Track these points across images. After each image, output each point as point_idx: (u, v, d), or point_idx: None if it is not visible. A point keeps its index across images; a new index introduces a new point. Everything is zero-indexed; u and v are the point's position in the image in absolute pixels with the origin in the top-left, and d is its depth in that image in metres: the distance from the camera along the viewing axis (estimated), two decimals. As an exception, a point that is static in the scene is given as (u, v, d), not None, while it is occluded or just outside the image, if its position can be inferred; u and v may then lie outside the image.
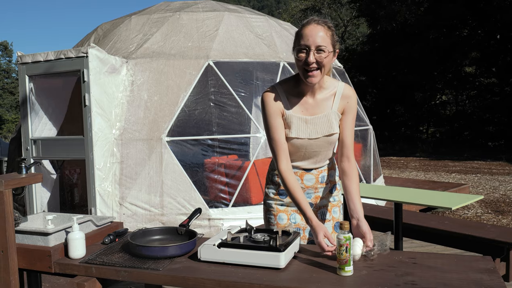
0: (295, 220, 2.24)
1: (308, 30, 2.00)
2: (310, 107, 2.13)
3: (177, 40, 6.30)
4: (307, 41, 1.99)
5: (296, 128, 2.12)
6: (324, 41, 1.99)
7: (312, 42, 1.98)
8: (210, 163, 5.76)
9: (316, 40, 1.98)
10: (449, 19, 18.98)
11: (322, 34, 1.99)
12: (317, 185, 2.23)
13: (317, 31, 1.99)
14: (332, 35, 2.04)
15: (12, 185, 2.09)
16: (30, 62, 5.60)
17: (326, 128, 2.13)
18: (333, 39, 2.04)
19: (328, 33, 2.01)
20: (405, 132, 23.37)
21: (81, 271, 2.00)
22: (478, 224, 4.11)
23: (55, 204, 6.19)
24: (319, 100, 2.14)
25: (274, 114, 2.13)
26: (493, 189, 8.92)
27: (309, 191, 2.23)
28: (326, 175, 2.25)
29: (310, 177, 2.22)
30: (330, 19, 10.06)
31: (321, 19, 2.04)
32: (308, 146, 2.15)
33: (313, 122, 2.13)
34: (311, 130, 2.13)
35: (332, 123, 2.13)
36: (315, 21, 2.02)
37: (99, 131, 5.33)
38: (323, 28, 2.00)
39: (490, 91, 20.24)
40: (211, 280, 1.76)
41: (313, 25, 2.00)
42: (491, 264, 1.82)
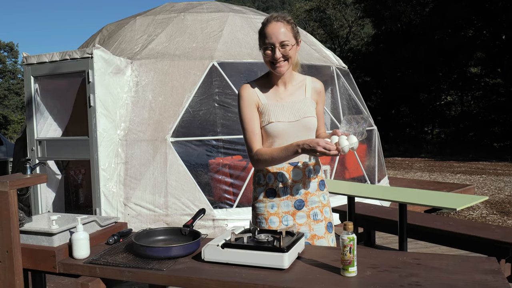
0: (287, 222, 2.21)
1: (270, 28, 2.12)
2: (284, 96, 2.25)
3: (182, 41, 6.31)
4: (271, 39, 2.12)
5: (275, 114, 2.19)
6: (286, 35, 2.12)
7: (275, 40, 2.11)
8: (215, 164, 5.76)
9: (279, 37, 2.11)
10: (454, 20, 18.92)
11: (284, 30, 2.12)
12: (305, 180, 2.22)
13: (279, 28, 2.11)
14: (292, 28, 2.16)
15: (17, 186, 2.10)
16: (36, 63, 5.62)
17: (303, 111, 2.21)
18: (293, 31, 2.16)
19: (288, 27, 2.14)
20: (410, 133, 23.31)
21: (85, 272, 2.00)
22: (483, 225, 4.09)
23: (60, 204, 6.21)
24: (291, 90, 2.27)
25: (249, 106, 2.22)
26: (498, 190, 8.88)
27: (298, 186, 2.21)
28: (313, 170, 2.25)
29: (297, 172, 2.21)
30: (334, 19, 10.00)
31: (280, 14, 2.17)
32: (290, 131, 2.18)
33: (290, 106, 2.22)
34: (289, 113, 2.20)
35: (309, 107, 2.23)
36: (274, 18, 2.13)
37: (103, 131, 5.34)
38: (283, 24, 2.13)
39: (495, 91, 20.15)
40: (215, 280, 1.76)
41: (273, 23, 2.12)
42: (496, 265, 1.81)
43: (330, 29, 31.00)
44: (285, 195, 2.21)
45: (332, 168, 6.57)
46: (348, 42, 30.48)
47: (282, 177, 2.21)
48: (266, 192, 2.24)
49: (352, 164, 7.01)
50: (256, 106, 2.22)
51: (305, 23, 30.93)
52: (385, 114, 22.73)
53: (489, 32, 19.48)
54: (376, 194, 4.04)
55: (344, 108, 7.28)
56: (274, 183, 2.22)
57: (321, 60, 7.31)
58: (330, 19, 30.62)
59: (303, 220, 2.22)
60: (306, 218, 2.22)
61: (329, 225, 2.28)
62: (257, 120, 2.21)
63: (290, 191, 2.21)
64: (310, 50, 7.39)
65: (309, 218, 2.22)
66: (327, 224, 2.27)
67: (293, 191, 2.21)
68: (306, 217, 2.22)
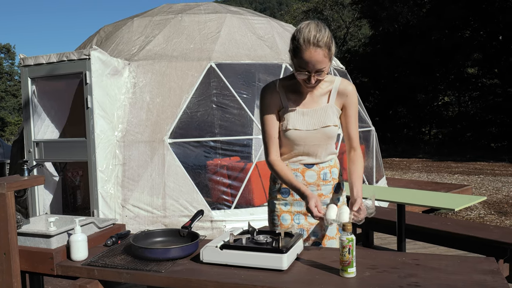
0: (299, 221, 2.22)
1: (308, 55, 1.98)
2: (307, 102, 2.18)
3: (179, 42, 6.31)
4: (307, 66, 2.01)
5: (293, 121, 2.16)
6: (323, 63, 2.00)
7: (312, 68, 2.01)
8: (213, 165, 5.75)
9: (316, 66, 2.00)
10: (451, 20, 18.97)
11: (321, 58, 1.99)
12: (319, 182, 2.21)
13: (317, 57, 1.98)
14: (331, 51, 2.02)
15: (14, 187, 2.09)
16: (33, 65, 5.61)
17: (323, 119, 2.16)
18: (331, 53, 2.03)
19: (326, 52, 1.99)
20: (408, 134, 23.36)
21: (83, 273, 2.00)
22: (481, 225, 4.10)
23: (58, 206, 6.19)
24: (315, 96, 2.19)
25: (270, 108, 2.19)
26: (496, 190, 8.90)
27: (311, 188, 2.21)
28: (329, 173, 2.23)
29: (311, 174, 2.21)
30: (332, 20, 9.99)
31: (318, 36, 1.97)
32: (307, 139, 2.16)
33: (310, 114, 2.17)
34: (308, 122, 2.16)
35: (329, 116, 2.16)
36: (313, 45, 1.96)
37: (101, 133, 5.33)
38: (321, 50, 1.98)
39: (492, 92, 20.20)
40: (214, 282, 1.75)
41: (312, 50, 1.96)
42: (495, 266, 1.81)
43: (327, 30, 31.00)
44: (298, 195, 2.20)
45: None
46: (345, 43, 30.52)
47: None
48: (280, 190, 2.26)
49: (350, 165, 7.00)
50: (277, 109, 2.20)
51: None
52: (382, 114, 22.76)
53: (486, 32, 19.54)
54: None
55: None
56: None
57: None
58: (328, 20, 30.65)
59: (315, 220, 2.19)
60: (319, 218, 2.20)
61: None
62: (276, 124, 2.20)
63: None
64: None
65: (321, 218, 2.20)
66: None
67: None
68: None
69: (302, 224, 2.22)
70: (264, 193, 5.94)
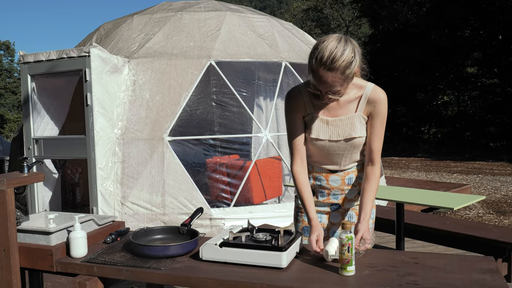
0: (321, 219, 2.19)
1: (318, 77, 1.88)
2: (332, 109, 2.07)
3: (179, 39, 6.30)
4: (319, 85, 1.92)
5: (317, 129, 2.07)
6: (336, 85, 1.89)
7: (324, 88, 1.92)
8: (212, 163, 5.76)
9: (327, 88, 1.91)
10: (451, 20, 18.95)
11: (333, 82, 1.88)
12: (343, 187, 2.16)
13: (327, 79, 1.87)
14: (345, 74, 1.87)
15: (14, 184, 2.09)
16: (32, 62, 5.60)
17: (348, 131, 2.05)
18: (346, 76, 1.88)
19: (340, 76, 1.86)
20: (407, 133, 23.34)
21: (82, 270, 2.00)
22: (480, 225, 4.10)
23: (57, 203, 6.19)
24: (342, 102, 2.06)
25: (294, 115, 2.11)
26: (495, 189, 8.90)
27: (336, 192, 2.17)
28: (355, 177, 2.16)
29: (335, 178, 2.15)
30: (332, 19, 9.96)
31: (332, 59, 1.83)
32: (330, 148, 2.09)
33: (335, 124, 2.06)
34: (332, 131, 2.07)
35: (355, 127, 2.05)
36: (325, 68, 1.85)
37: (101, 130, 5.33)
38: (334, 74, 1.85)
39: (492, 91, 20.19)
40: (213, 279, 1.76)
41: (323, 72, 1.85)
42: (493, 265, 1.81)
43: (327, 29, 31.02)
44: (322, 198, 2.19)
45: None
46: (345, 42, 30.45)
47: (320, 181, 2.18)
48: None
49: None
50: (303, 115, 2.11)
51: (302, 22, 30.96)
52: (382, 113, 22.67)
53: (485, 32, 19.52)
54: (373, 194, 4.04)
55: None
56: (313, 184, 2.20)
57: (318, 60, 7.30)
58: (327, 18, 30.67)
59: (337, 220, 2.20)
60: (340, 218, 2.20)
61: None
62: (300, 130, 2.11)
63: (327, 195, 2.19)
64: (307, 50, 7.39)
65: (343, 219, 2.20)
66: None
67: (330, 196, 2.18)
68: (340, 217, 2.20)
69: (323, 222, 2.20)
70: (263, 191, 5.94)
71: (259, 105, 6.66)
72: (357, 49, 1.91)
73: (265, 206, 5.70)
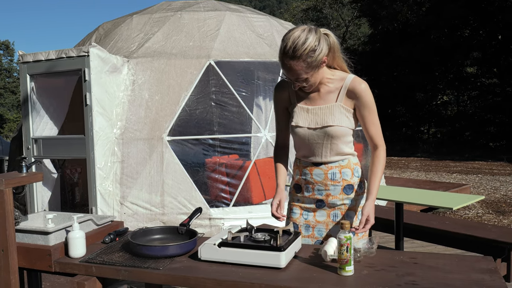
0: (307, 217, 2.24)
1: (285, 64, 2.00)
2: (314, 99, 2.16)
3: (179, 39, 6.30)
4: (287, 73, 2.03)
5: (297, 117, 2.18)
6: (300, 73, 1.99)
7: (291, 76, 2.03)
8: (211, 163, 5.75)
9: (293, 76, 2.02)
10: (451, 19, 18.95)
11: (297, 69, 1.98)
12: (326, 182, 2.17)
13: (291, 67, 1.98)
14: (308, 62, 1.97)
15: (12, 184, 2.09)
16: (32, 61, 5.60)
17: (326, 119, 2.11)
18: (309, 64, 1.97)
19: (302, 64, 1.96)
20: (406, 133, 23.34)
21: (81, 270, 1.99)
22: (479, 225, 4.10)
23: (56, 203, 6.19)
24: (324, 93, 2.15)
25: (277, 105, 2.29)
26: (494, 189, 8.91)
27: (319, 187, 2.19)
28: (338, 173, 2.17)
29: (319, 172, 2.18)
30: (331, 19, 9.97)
31: (293, 48, 1.94)
32: (310, 137, 2.16)
33: (314, 112, 2.15)
34: (311, 119, 2.15)
35: (334, 116, 2.11)
36: (288, 56, 1.96)
37: (100, 130, 5.33)
38: (296, 62, 1.96)
39: (491, 91, 20.19)
40: (212, 279, 1.75)
41: (287, 60, 1.97)
42: (492, 265, 1.81)
43: (327, 29, 30.99)
44: (308, 193, 2.23)
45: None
46: (344, 42, 30.48)
47: (305, 175, 2.23)
48: (294, 186, 2.31)
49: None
50: (287, 106, 2.26)
51: (301, 22, 30.88)
52: (381, 113, 22.26)
53: (485, 32, 19.53)
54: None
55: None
56: (299, 179, 2.26)
57: (318, 59, 7.30)
58: (327, 18, 30.65)
59: (323, 218, 2.22)
60: (326, 217, 2.21)
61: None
62: (283, 119, 2.30)
63: (312, 190, 2.22)
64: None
65: (328, 217, 2.21)
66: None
67: (315, 191, 2.21)
68: (326, 216, 2.21)
69: (309, 220, 2.23)
70: (263, 191, 5.94)
71: (258, 105, 6.66)
72: (325, 38, 2.01)
73: (265, 206, 5.70)
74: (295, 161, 2.30)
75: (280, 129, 2.34)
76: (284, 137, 2.34)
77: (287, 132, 2.32)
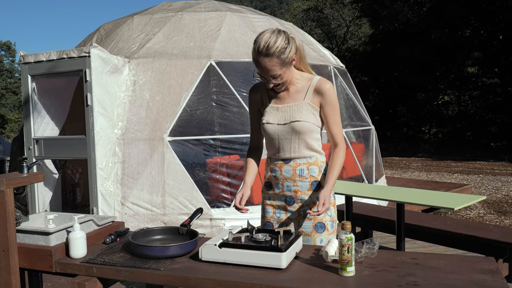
0: (280, 215, 2.34)
1: (259, 63, 2.15)
2: (283, 99, 2.31)
3: (179, 40, 6.30)
4: (261, 72, 2.18)
5: (268, 115, 2.31)
6: (274, 69, 2.15)
7: (265, 74, 2.18)
8: (212, 163, 5.75)
9: (268, 73, 2.16)
10: (452, 19, 18.94)
11: (271, 66, 2.13)
12: (295, 178, 2.28)
13: (266, 65, 2.13)
14: (279, 58, 2.13)
15: (13, 185, 2.09)
16: (33, 62, 5.60)
17: (293, 115, 2.25)
18: (281, 60, 2.14)
19: (274, 61, 2.12)
20: (407, 133, 23.33)
21: (82, 271, 1.99)
22: (481, 225, 4.10)
23: (57, 203, 6.19)
24: (292, 92, 2.30)
25: (251, 106, 2.43)
26: (496, 189, 8.90)
27: (288, 183, 2.30)
28: (306, 170, 2.28)
29: (287, 169, 2.30)
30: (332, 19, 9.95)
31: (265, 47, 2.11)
32: (279, 133, 2.28)
33: (283, 109, 2.29)
34: (280, 116, 2.29)
35: (301, 112, 2.25)
36: (260, 54, 2.12)
37: (101, 130, 5.33)
38: (268, 59, 2.12)
39: (492, 91, 20.18)
40: (212, 280, 1.75)
41: (261, 59, 2.13)
42: (494, 265, 1.81)
43: (327, 29, 31.02)
44: (278, 189, 2.34)
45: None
46: (345, 42, 30.49)
47: (275, 172, 2.34)
48: (265, 184, 2.44)
49: (350, 164, 7.01)
50: (259, 107, 2.39)
51: (302, 22, 30.94)
52: (382, 113, 22.72)
53: (486, 31, 19.51)
54: (373, 194, 4.04)
55: (341, 107, 7.27)
56: (270, 176, 2.38)
57: (318, 60, 7.31)
58: (328, 18, 30.64)
59: (294, 215, 2.31)
60: (297, 215, 2.30)
61: (319, 225, 2.28)
62: (256, 118, 2.41)
63: (282, 187, 2.32)
64: (308, 50, 7.39)
65: (299, 215, 2.29)
66: (315, 223, 2.28)
67: (284, 187, 2.32)
68: (296, 214, 2.30)
69: (282, 218, 2.34)
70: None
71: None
72: (292, 39, 2.19)
73: (266, 206, 5.69)
74: (266, 160, 2.42)
75: (253, 130, 2.46)
76: (257, 138, 2.48)
77: (260, 134, 2.43)
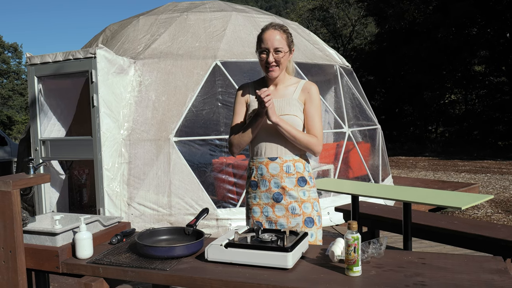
0: (267, 213, 2.37)
1: (267, 35, 2.34)
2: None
3: (185, 40, 6.31)
4: (266, 44, 2.33)
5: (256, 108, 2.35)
6: (281, 43, 2.33)
7: (270, 45, 2.32)
8: (218, 163, 5.75)
9: (274, 43, 2.32)
10: (458, 18, 18.84)
11: (279, 38, 2.33)
12: (282, 174, 2.34)
13: (275, 35, 2.33)
14: (287, 37, 2.38)
15: (20, 185, 2.10)
16: (39, 63, 5.63)
17: (283, 109, 2.36)
18: (288, 40, 2.37)
19: (284, 36, 2.35)
20: (414, 132, 23.26)
21: (88, 271, 2.00)
22: (488, 224, 4.07)
23: (64, 204, 6.22)
24: (281, 90, 2.44)
25: (238, 102, 2.49)
26: (503, 188, 8.84)
27: (276, 180, 2.34)
28: (292, 166, 2.35)
29: (274, 166, 2.35)
30: (337, 18, 9.98)
31: (278, 24, 2.38)
32: (268, 127, 2.33)
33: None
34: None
35: (291, 106, 2.36)
36: (272, 27, 2.35)
37: (107, 131, 5.34)
38: (279, 32, 2.34)
39: (499, 90, 20.08)
40: (218, 280, 1.75)
41: (271, 31, 2.34)
42: (502, 265, 1.79)
43: (333, 28, 30.96)
44: (264, 187, 2.37)
45: (336, 167, 6.55)
46: (351, 41, 30.42)
47: (261, 170, 2.37)
48: (250, 183, 2.44)
49: (356, 163, 6.99)
50: (246, 102, 2.48)
51: (308, 22, 30.90)
52: (388, 113, 22.66)
53: (493, 30, 19.40)
54: (380, 193, 4.03)
55: (347, 107, 7.25)
56: (255, 175, 2.40)
57: (324, 59, 7.29)
58: (333, 18, 30.58)
59: (281, 212, 2.35)
60: (285, 211, 2.34)
61: (309, 220, 2.35)
62: (242, 114, 2.47)
63: (268, 184, 2.36)
64: (314, 49, 7.38)
65: (287, 211, 2.34)
66: (305, 219, 2.34)
67: (271, 184, 2.35)
68: (284, 210, 2.34)
69: (270, 216, 2.36)
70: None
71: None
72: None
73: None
74: (250, 160, 2.46)
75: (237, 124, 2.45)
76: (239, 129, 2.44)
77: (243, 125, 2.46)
